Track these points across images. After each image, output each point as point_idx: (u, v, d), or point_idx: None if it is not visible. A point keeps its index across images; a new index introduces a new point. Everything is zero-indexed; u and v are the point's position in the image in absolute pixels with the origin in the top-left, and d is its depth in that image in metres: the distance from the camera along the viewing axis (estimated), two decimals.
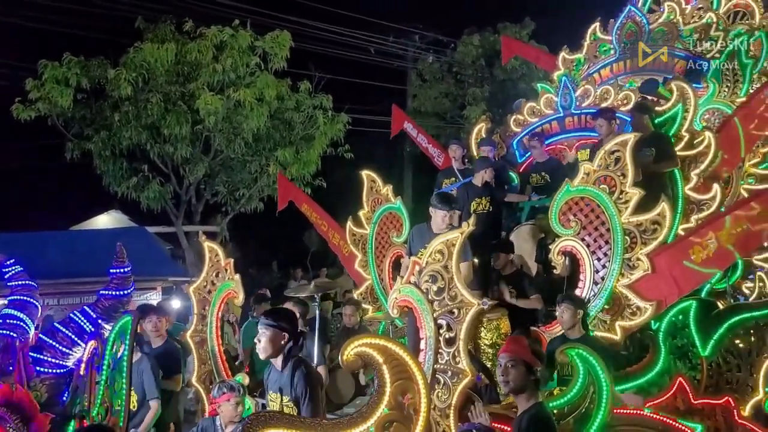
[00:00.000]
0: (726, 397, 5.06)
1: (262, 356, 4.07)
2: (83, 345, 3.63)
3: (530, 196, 7.50)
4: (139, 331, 6.09)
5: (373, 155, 14.50)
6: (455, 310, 4.13)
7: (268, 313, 4.15)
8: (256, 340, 4.03)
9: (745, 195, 6.77)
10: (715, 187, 6.41)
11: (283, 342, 3.95)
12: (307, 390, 3.84)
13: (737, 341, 5.71)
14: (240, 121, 13.14)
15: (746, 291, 6.90)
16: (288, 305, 6.00)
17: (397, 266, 6.86)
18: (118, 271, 3.91)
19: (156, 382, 5.45)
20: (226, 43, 13.15)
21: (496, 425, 3.91)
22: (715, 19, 8.40)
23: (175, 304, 10.43)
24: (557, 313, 5.26)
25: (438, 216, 5.37)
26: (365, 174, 7.39)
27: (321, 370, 5.42)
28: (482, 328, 5.83)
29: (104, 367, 3.32)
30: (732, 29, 8.35)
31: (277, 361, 4.05)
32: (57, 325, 3.90)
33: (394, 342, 3.26)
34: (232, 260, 5.61)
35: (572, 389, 4.11)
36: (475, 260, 5.69)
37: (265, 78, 13.38)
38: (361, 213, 7.40)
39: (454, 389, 4.04)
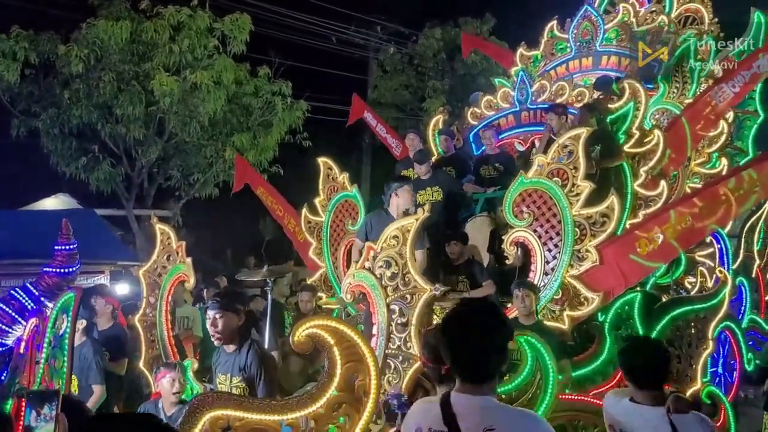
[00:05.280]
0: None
1: (219, 343, 4.05)
2: (24, 323, 3.51)
3: (486, 188, 7.59)
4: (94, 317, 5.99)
5: (331, 144, 14.41)
6: (408, 296, 4.17)
7: (220, 296, 4.09)
8: (211, 326, 3.99)
9: None
10: (662, 184, 6.62)
11: (238, 324, 3.95)
12: (261, 370, 3.85)
13: (678, 333, 5.94)
14: (196, 104, 12.86)
15: (688, 286, 7.15)
16: None
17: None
18: (63, 247, 3.78)
19: (99, 367, 5.34)
20: (184, 24, 12.84)
21: None
22: (666, 23, 8.65)
23: (124, 288, 10.19)
24: (517, 300, 5.32)
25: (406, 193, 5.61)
26: (322, 161, 7.36)
27: (274, 354, 5.38)
28: (435, 316, 5.89)
29: (45, 345, 3.22)
30: (683, 33, 8.62)
31: (230, 344, 4.03)
32: None
33: (345, 324, 3.26)
34: (184, 243, 5.51)
35: (520, 375, 4.20)
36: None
37: (223, 61, 13.13)
38: (316, 200, 7.37)
39: (405, 374, 4.08)
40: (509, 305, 6.05)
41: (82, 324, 5.32)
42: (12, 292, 3.80)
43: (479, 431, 2.06)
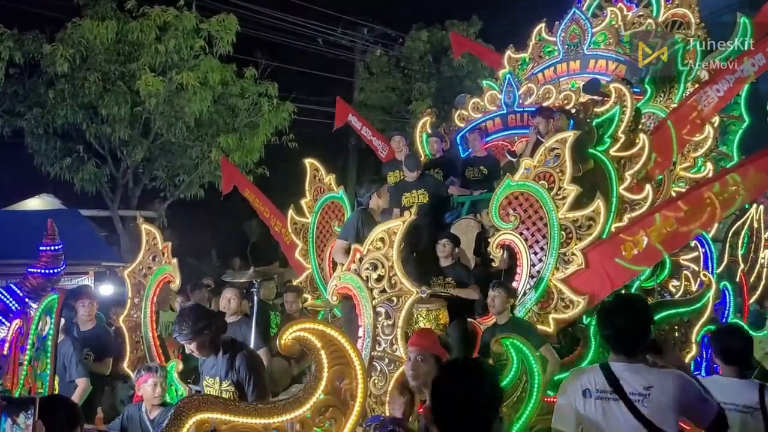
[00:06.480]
0: None
1: (205, 357, 4.06)
2: (8, 324, 3.47)
3: (472, 191, 7.60)
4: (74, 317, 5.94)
5: (317, 146, 14.37)
6: (394, 298, 4.16)
7: (182, 325, 3.94)
8: (190, 353, 4.06)
9: None
10: (648, 188, 6.66)
11: (209, 339, 3.93)
12: (250, 374, 3.84)
13: (662, 336, 5.96)
14: (182, 104, 12.79)
15: (672, 289, 7.19)
16: (227, 291, 5.93)
17: None
18: (48, 248, 3.74)
19: (80, 363, 5.32)
20: (170, 24, 12.78)
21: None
22: (654, 27, 8.71)
23: (108, 289, 10.11)
24: (488, 298, 5.35)
25: (385, 194, 5.70)
26: (309, 162, 7.33)
27: (261, 354, 5.34)
28: (421, 319, 5.88)
29: (28, 347, 3.18)
30: (669, 37, 8.67)
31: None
32: None
33: (332, 327, 3.25)
34: (169, 243, 5.48)
35: (505, 378, 4.20)
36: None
37: (210, 62, 13.07)
38: (303, 201, 7.35)
39: (391, 377, 4.07)
40: None
41: (60, 322, 5.29)
42: None
43: (641, 389, 2.71)
